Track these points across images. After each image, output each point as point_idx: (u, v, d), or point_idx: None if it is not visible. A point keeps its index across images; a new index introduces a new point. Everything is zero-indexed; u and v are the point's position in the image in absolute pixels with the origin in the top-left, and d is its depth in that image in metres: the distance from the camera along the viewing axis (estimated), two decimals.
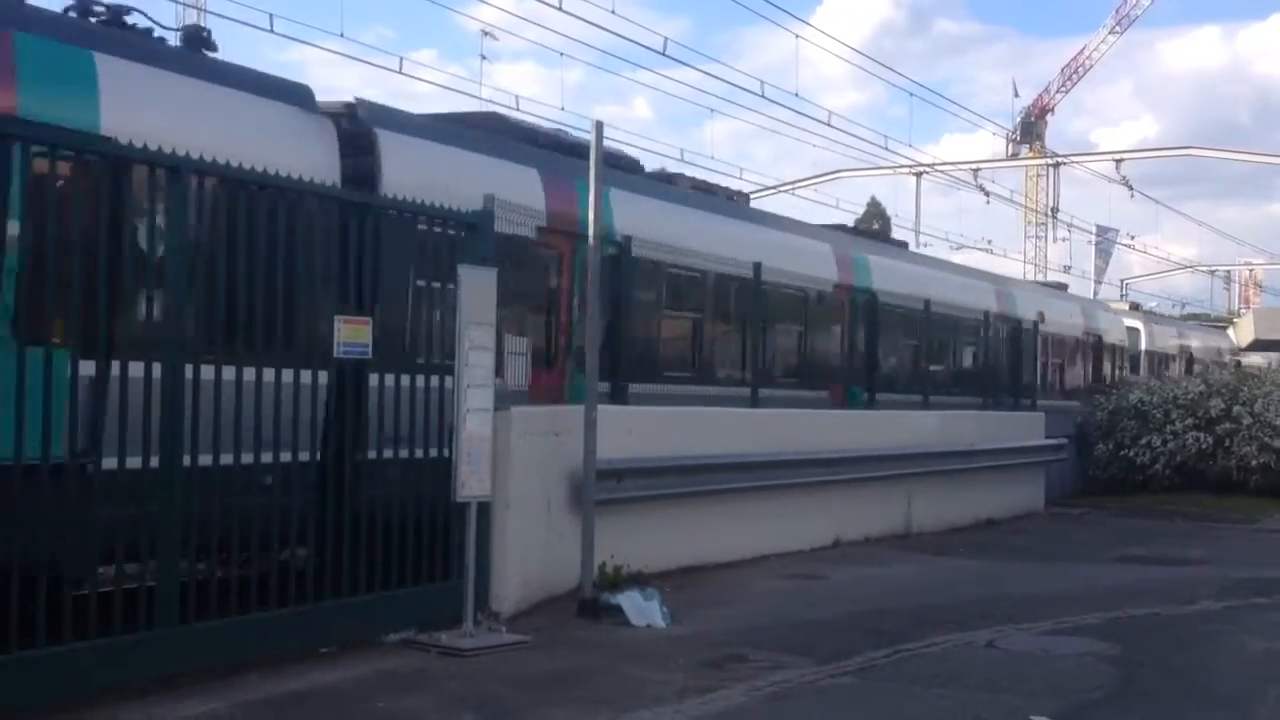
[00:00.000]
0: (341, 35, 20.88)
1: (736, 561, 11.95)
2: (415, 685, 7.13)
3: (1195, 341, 34.84)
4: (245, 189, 7.27)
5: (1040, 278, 46.55)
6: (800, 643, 8.61)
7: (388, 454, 8.08)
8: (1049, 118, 71.54)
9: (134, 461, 6.49)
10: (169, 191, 6.75)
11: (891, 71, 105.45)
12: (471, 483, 8.31)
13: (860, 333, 16.78)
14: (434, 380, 8.43)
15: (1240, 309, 61.58)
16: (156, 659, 6.63)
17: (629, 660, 7.96)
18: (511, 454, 8.85)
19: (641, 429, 11.01)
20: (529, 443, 9.20)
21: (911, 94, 48.87)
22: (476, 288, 8.39)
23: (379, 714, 6.55)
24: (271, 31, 17.74)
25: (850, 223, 29.12)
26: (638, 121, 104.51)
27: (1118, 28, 69.76)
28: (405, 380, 8.23)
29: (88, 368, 6.48)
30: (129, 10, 8.61)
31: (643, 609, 9.14)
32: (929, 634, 9.01)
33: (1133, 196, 38.08)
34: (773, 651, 8.28)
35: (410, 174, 9.60)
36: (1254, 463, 20.61)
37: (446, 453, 8.41)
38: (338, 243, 7.93)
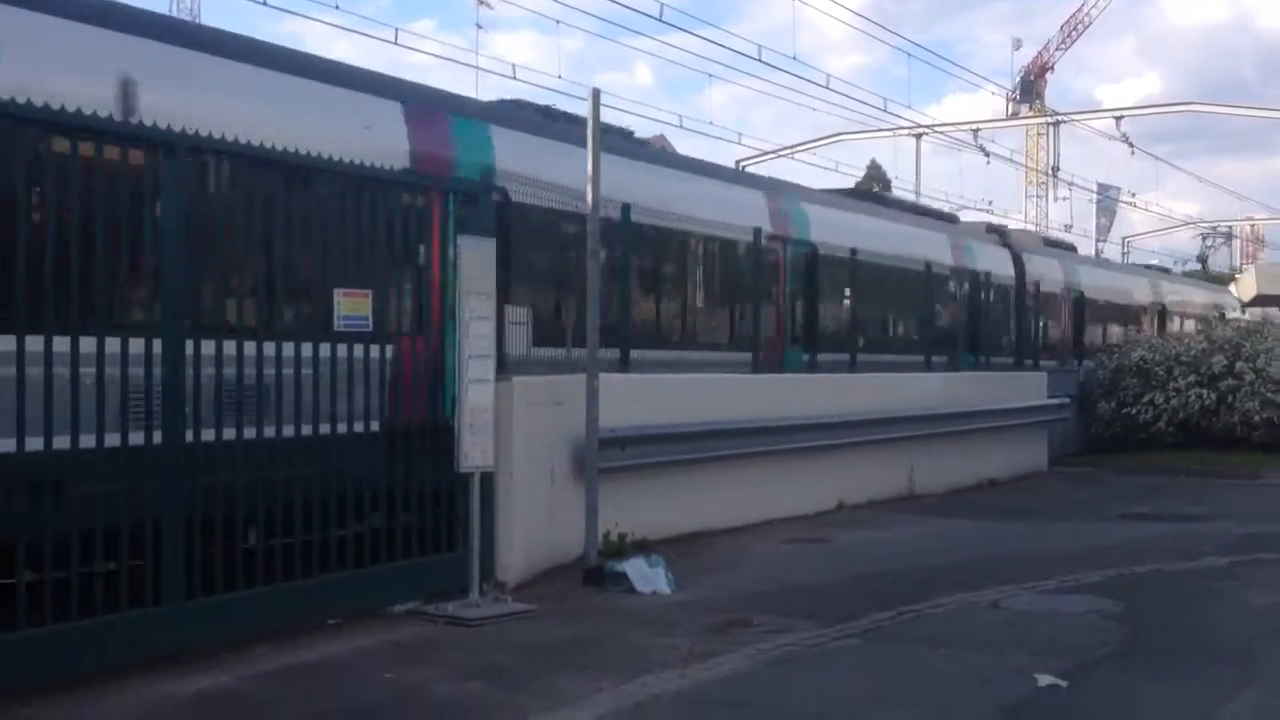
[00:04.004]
0: (337, 7, 20.69)
1: (740, 527, 11.99)
2: (422, 655, 7.18)
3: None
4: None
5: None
6: (804, 606, 8.65)
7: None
8: (1049, 76, 71.47)
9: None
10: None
11: (889, 32, 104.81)
12: (475, 453, 8.33)
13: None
14: None
15: (1242, 265, 61.44)
16: (164, 634, 6.67)
17: (634, 627, 8.00)
18: (514, 424, 8.87)
19: (644, 397, 11.02)
20: (532, 412, 9.21)
21: (910, 55, 48.41)
22: (476, 258, 8.39)
23: (386, 684, 6.60)
24: (265, 4, 17.60)
25: (852, 186, 29.77)
26: (638, 89, 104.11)
27: None
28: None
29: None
30: None
31: (647, 576, 9.18)
32: (933, 595, 9.04)
33: (1133, 154, 37.87)
34: (777, 615, 8.32)
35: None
36: (1257, 418, 20.61)
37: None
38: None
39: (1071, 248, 28.90)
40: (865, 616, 8.30)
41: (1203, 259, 40.22)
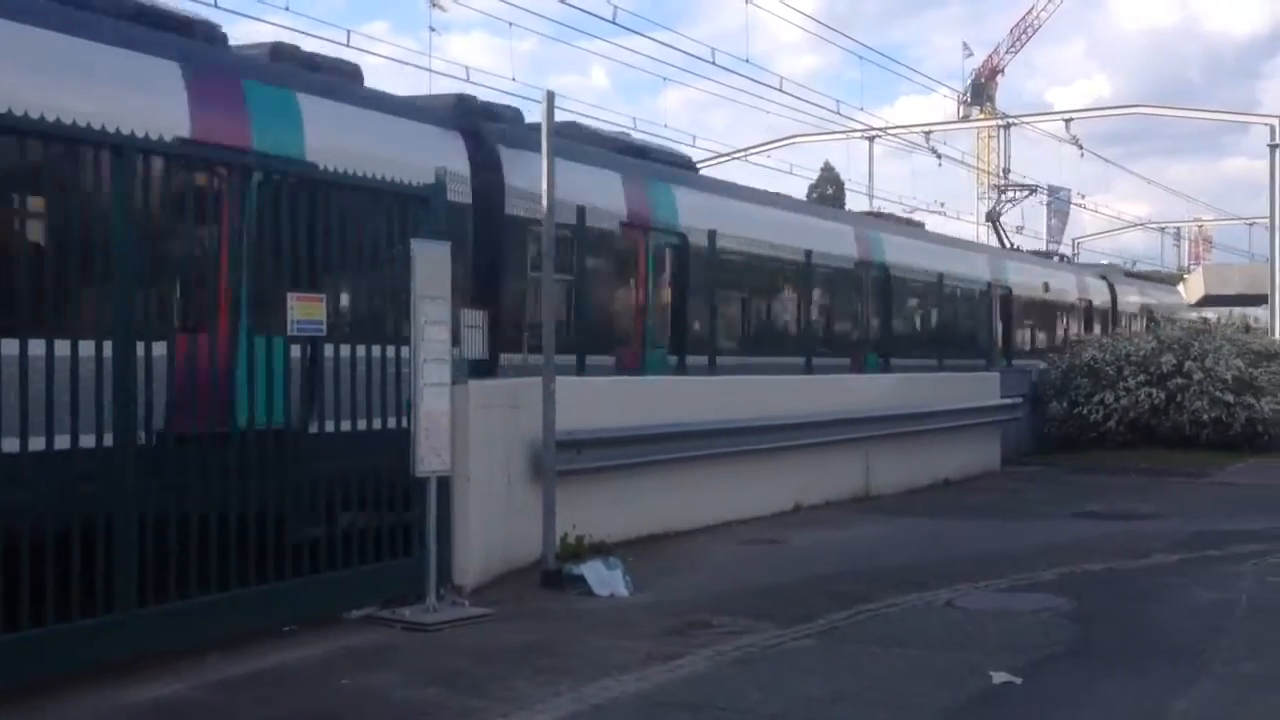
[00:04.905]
0: (288, 9, 20.51)
1: (699, 529, 12.00)
2: (379, 661, 7.13)
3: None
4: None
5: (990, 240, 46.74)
6: (763, 607, 8.68)
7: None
8: (999, 79, 72.20)
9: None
10: None
11: (842, 35, 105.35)
12: (431, 457, 8.28)
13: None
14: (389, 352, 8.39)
15: (1190, 265, 62.33)
16: (116, 642, 6.58)
17: (593, 630, 7.99)
18: (471, 427, 8.83)
19: (600, 400, 11.02)
20: (488, 415, 9.18)
21: (862, 58, 48.60)
22: (430, 261, 8.34)
23: (343, 691, 6.55)
24: (216, 6, 17.39)
25: (805, 188, 29.41)
26: (594, 91, 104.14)
27: None
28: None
29: None
30: None
31: (605, 579, 9.17)
32: (889, 595, 9.10)
33: (1082, 156, 38.35)
34: (736, 617, 8.34)
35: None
36: (1205, 417, 20.89)
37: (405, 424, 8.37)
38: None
39: (689, 165, 17.87)
40: (823, 617, 8.34)
41: (993, 217, 31.54)
